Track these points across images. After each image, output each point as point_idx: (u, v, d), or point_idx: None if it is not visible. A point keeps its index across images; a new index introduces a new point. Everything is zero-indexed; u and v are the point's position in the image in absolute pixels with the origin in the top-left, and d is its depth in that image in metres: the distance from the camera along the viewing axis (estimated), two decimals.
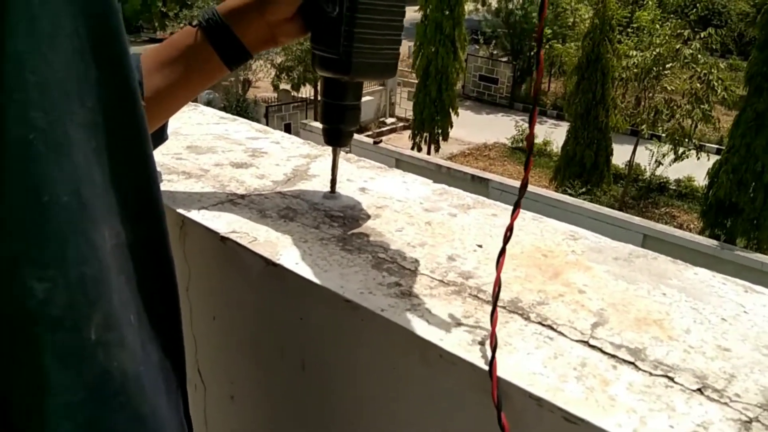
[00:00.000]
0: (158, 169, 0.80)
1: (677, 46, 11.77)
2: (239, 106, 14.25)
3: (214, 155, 0.88)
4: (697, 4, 16.23)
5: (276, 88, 15.98)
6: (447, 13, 12.50)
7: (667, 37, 11.85)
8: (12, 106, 0.29)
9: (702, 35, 12.40)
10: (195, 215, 0.69)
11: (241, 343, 0.70)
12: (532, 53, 18.22)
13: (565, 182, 11.98)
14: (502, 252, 0.52)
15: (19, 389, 0.31)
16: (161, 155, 0.85)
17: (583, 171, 11.83)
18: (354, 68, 0.63)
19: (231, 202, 0.73)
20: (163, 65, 0.65)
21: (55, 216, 0.31)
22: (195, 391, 0.78)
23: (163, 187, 0.76)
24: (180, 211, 0.70)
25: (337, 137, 0.71)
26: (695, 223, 11.84)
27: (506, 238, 0.52)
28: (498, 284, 0.51)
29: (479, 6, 19.43)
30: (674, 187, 13.39)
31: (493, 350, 0.47)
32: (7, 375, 0.31)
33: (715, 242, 9.43)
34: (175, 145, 0.90)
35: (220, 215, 0.69)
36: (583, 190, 11.42)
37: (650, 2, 13.25)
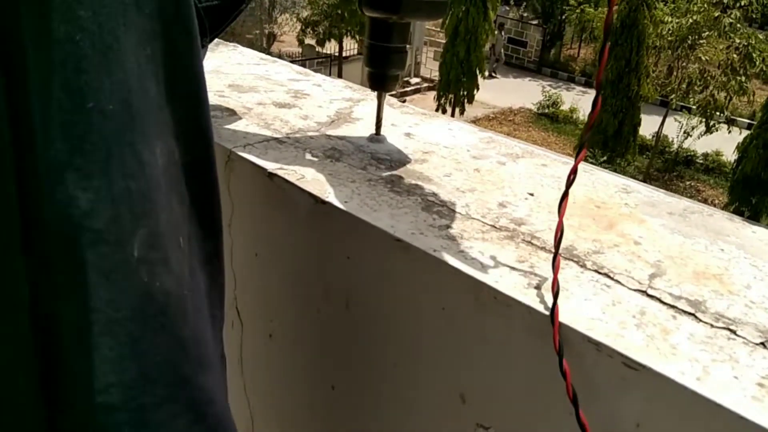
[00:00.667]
0: None
1: (716, 14, 11.37)
2: None
3: (256, 94, 0.86)
4: None
5: (301, 42, 15.79)
6: None
7: (705, 5, 11.44)
8: (59, 2, 0.28)
9: (743, 3, 11.95)
10: (241, 150, 0.68)
11: (282, 282, 0.70)
12: (563, 17, 17.76)
13: (589, 151, 11.79)
14: (565, 195, 0.51)
15: (62, 302, 0.30)
16: None
17: (606, 139, 11.63)
18: (404, 6, 0.61)
19: (276, 140, 0.72)
20: None
21: (99, 124, 0.30)
22: (232, 328, 0.79)
23: (227, 120, 0.75)
24: (226, 145, 0.69)
25: (382, 81, 0.70)
26: (720, 198, 11.64)
27: (570, 181, 0.50)
28: (560, 229, 0.49)
29: None
30: (701, 161, 13.13)
31: (555, 296, 0.46)
32: (51, 287, 0.30)
33: (736, 218, 9.27)
34: (216, 83, 0.89)
35: (266, 152, 0.68)
36: (604, 158, 11.24)
37: None
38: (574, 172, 0.50)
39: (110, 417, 0.31)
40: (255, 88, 0.89)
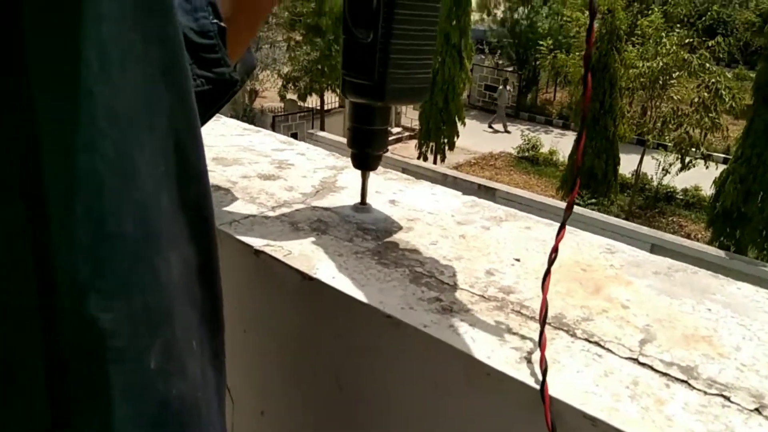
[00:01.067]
0: None
1: (685, 56, 11.75)
2: (246, 116, 14.30)
3: (240, 167, 0.87)
4: (703, 15, 16.24)
5: (283, 98, 16.03)
6: (454, 23, 12.54)
7: (674, 47, 11.83)
8: (81, 136, 0.29)
9: (710, 44, 12.38)
10: (227, 228, 0.68)
11: (273, 358, 0.69)
12: (537, 63, 18.25)
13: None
14: (547, 273, 0.51)
15: (83, 419, 0.30)
16: None
17: (590, 181, 11.80)
18: (388, 94, 0.63)
19: (262, 215, 0.72)
20: None
21: (119, 246, 0.31)
22: None
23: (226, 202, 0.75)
24: None
25: (366, 161, 0.71)
26: (703, 232, 11.77)
27: (551, 260, 0.51)
28: (545, 306, 0.49)
29: (485, 16, 19.49)
30: (681, 197, 13.33)
31: (544, 373, 0.46)
32: (74, 406, 0.30)
33: (723, 252, 9.38)
34: None
35: (252, 228, 0.69)
36: (593, 200, 11.38)
37: (655, 10, 13.26)
38: (555, 250, 0.50)
39: None
40: (239, 160, 0.90)
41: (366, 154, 0.70)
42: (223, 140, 0.99)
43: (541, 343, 0.48)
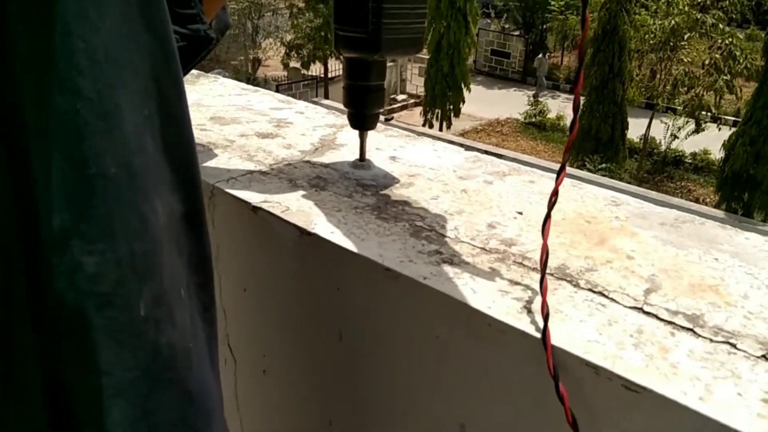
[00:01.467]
0: None
1: (697, 16, 11.50)
2: (249, 84, 14.20)
3: (238, 126, 0.85)
4: None
5: (286, 66, 15.88)
6: None
7: (686, 7, 11.58)
8: (59, 75, 0.28)
9: (722, 4, 12.11)
10: (224, 185, 0.67)
11: (273, 316, 0.69)
12: (544, 26, 17.94)
13: (579, 157, 11.85)
14: (548, 218, 0.50)
15: (72, 368, 0.30)
16: None
17: (598, 145, 11.69)
18: (384, 45, 0.62)
19: (260, 171, 0.71)
20: None
21: (102, 189, 0.30)
22: (225, 365, 0.77)
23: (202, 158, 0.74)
24: (208, 180, 0.68)
25: (363, 121, 0.70)
26: (711, 196, 11.69)
27: (551, 203, 0.49)
28: (545, 251, 0.48)
29: None
30: (690, 161, 13.22)
31: (545, 318, 0.45)
32: (61, 355, 0.30)
33: (731, 216, 9.33)
34: (197, 116, 0.88)
35: (249, 185, 0.67)
36: (603, 165, 11.29)
37: None
38: (555, 193, 0.49)
39: None
40: (237, 119, 0.88)
41: (363, 114, 0.69)
42: (221, 100, 0.97)
43: (542, 289, 0.47)
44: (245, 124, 0.86)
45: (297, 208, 0.63)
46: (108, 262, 0.30)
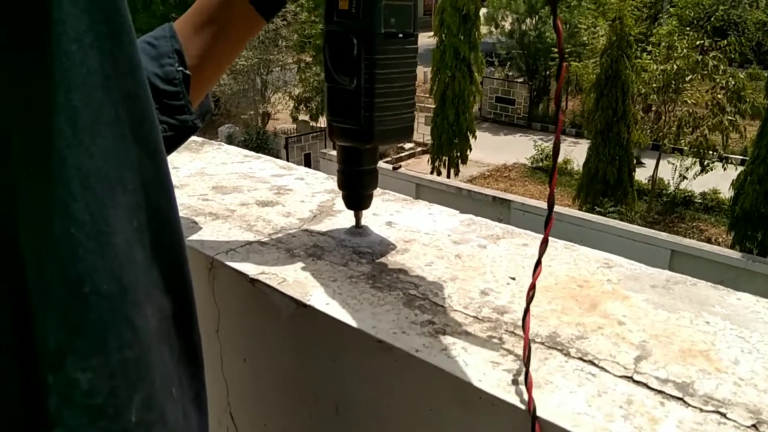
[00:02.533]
0: (185, 211, 0.81)
1: (698, 58, 11.67)
2: (260, 139, 14.45)
3: (239, 195, 0.88)
4: (712, 17, 16.13)
5: (295, 119, 16.18)
6: (462, 37, 12.59)
7: (685, 50, 11.76)
8: (56, 202, 0.29)
9: (722, 45, 12.28)
10: (223, 257, 0.69)
11: (273, 386, 0.69)
12: (548, 73, 18.24)
13: (588, 200, 11.86)
14: (531, 287, 0.51)
15: None
16: (187, 197, 0.86)
17: (606, 188, 11.70)
18: (376, 136, 0.65)
19: (258, 242, 0.73)
20: (196, 30, 0.64)
21: (96, 305, 0.31)
22: None
23: (192, 229, 0.76)
24: (208, 253, 0.70)
25: (358, 201, 0.72)
26: (723, 236, 11.60)
27: (541, 252, 0.51)
28: (527, 314, 0.49)
29: (492, 29, 19.55)
30: (700, 201, 13.16)
31: (527, 375, 0.45)
32: None
33: (744, 255, 9.23)
34: (200, 186, 0.91)
35: (248, 256, 0.69)
36: (613, 208, 11.26)
37: (667, 17, 13.20)
38: (538, 263, 0.50)
39: None
40: (238, 187, 0.91)
41: (358, 194, 0.72)
42: (224, 168, 1.00)
43: (525, 356, 0.48)
44: (246, 192, 0.89)
45: (294, 279, 0.64)
46: (101, 375, 0.31)
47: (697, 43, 12.26)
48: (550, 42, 17.10)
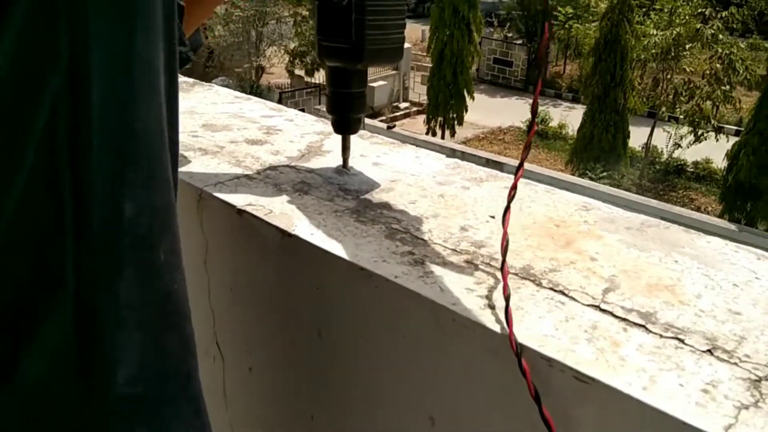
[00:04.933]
0: None
1: (698, 26, 11.56)
2: (253, 93, 14.27)
3: (229, 133, 0.89)
4: None
5: (291, 74, 15.97)
6: None
7: (687, 17, 11.64)
8: (123, 60, 0.34)
9: (723, 14, 12.15)
10: (212, 189, 0.70)
11: (258, 315, 0.72)
12: (551, 21, 18.01)
13: (581, 165, 11.88)
14: (507, 209, 0.54)
15: (103, 295, 0.34)
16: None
17: (600, 154, 11.72)
18: (366, 55, 0.65)
19: (247, 177, 0.74)
20: None
21: (146, 143, 0.35)
22: (214, 363, 0.80)
23: (181, 163, 0.77)
24: (197, 185, 0.71)
25: (346, 126, 0.73)
26: (713, 206, 11.70)
27: (510, 197, 0.53)
28: (506, 238, 0.52)
29: None
30: (692, 170, 13.22)
31: (507, 299, 0.48)
32: (96, 282, 0.34)
33: (733, 225, 9.33)
34: (190, 123, 0.92)
35: (236, 189, 0.71)
36: (604, 174, 11.31)
37: None
38: (513, 187, 0.52)
39: (132, 407, 0.36)
40: (228, 126, 0.92)
41: (347, 118, 0.72)
42: (214, 108, 1.00)
43: (503, 274, 0.50)
44: (236, 131, 0.90)
45: (280, 211, 0.66)
46: (144, 208, 0.35)
47: (699, 10, 12.11)
48: (551, 3, 16.84)
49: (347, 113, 0.71)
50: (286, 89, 15.59)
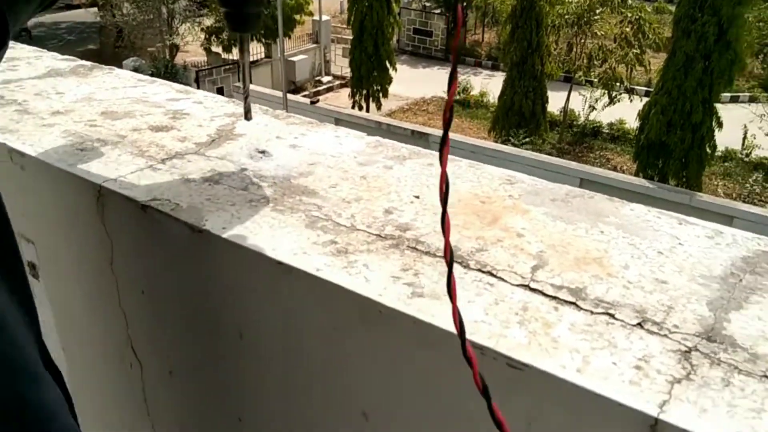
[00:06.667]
0: (70, 138, 0.74)
1: None
2: (168, 72, 13.69)
3: (131, 120, 0.82)
4: None
5: (208, 51, 15.39)
6: None
7: None
8: None
9: None
10: (112, 184, 0.64)
11: (174, 316, 0.67)
12: (464, 4, 18.11)
13: (503, 132, 12.12)
14: (444, 211, 0.48)
15: None
16: (73, 123, 0.79)
17: (521, 120, 11.98)
18: None
19: (151, 167, 0.68)
20: None
21: None
22: (131, 369, 0.74)
23: (77, 156, 0.70)
24: (95, 181, 0.65)
25: (241, 21, 0.61)
26: (628, 164, 12.22)
27: (443, 195, 0.47)
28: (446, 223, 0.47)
29: None
30: (607, 131, 13.73)
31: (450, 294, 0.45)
32: None
33: (647, 182, 9.82)
34: (88, 111, 0.84)
35: (139, 182, 0.65)
36: (527, 139, 11.58)
37: None
38: (444, 178, 0.48)
39: None
40: (131, 112, 0.84)
41: (239, 12, 0.61)
42: (115, 93, 0.92)
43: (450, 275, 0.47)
44: (139, 117, 0.83)
45: (188, 205, 0.61)
46: None
47: None
48: None
49: (241, 6, 0.60)
50: (203, 67, 15.03)
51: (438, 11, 18.68)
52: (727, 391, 0.39)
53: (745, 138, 11.89)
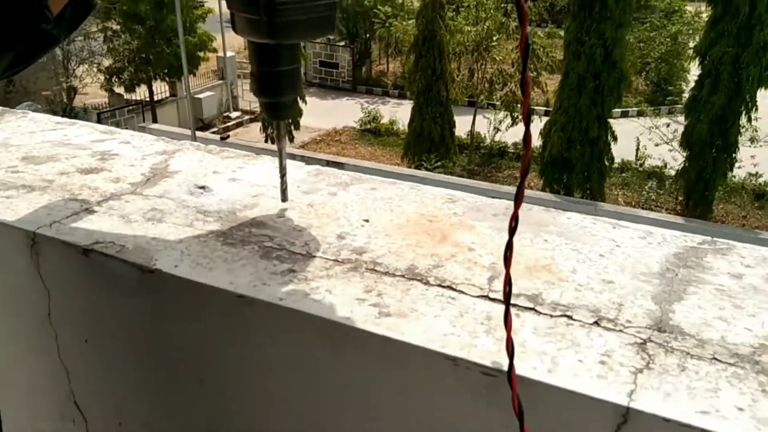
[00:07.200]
0: None
1: (502, 20, 12.58)
2: (67, 116, 13.05)
3: (56, 164, 0.78)
4: None
5: (111, 92, 14.82)
6: None
7: (492, 11, 12.60)
8: None
9: None
10: (47, 230, 0.61)
11: (122, 364, 0.64)
12: (367, 36, 18.53)
13: (416, 158, 12.39)
14: (509, 246, 0.44)
15: None
16: None
17: (432, 145, 12.30)
18: (280, 29, 0.53)
19: (86, 210, 0.65)
20: None
21: None
22: (74, 425, 0.70)
23: (2, 204, 0.66)
24: (28, 228, 0.61)
25: (277, 109, 0.62)
26: (535, 181, 12.80)
27: (512, 230, 0.44)
28: (508, 280, 0.43)
29: None
30: (513, 151, 14.34)
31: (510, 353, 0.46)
32: None
33: (554, 196, 10.31)
34: (6, 158, 0.80)
35: (76, 227, 0.62)
36: (439, 163, 11.88)
37: None
38: (514, 218, 0.46)
39: None
40: (54, 156, 0.81)
41: (275, 102, 0.61)
42: (33, 137, 0.88)
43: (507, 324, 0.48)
44: (64, 160, 0.79)
45: (134, 245, 0.59)
46: None
47: (503, 5, 13.16)
48: (368, 5, 17.33)
49: (277, 96, 0.61)
50: (105, 109, 14.47)
51: (342, 44, 18.98)
52: (684, 376, 0.42)
53: (638, 149, 12.74)
